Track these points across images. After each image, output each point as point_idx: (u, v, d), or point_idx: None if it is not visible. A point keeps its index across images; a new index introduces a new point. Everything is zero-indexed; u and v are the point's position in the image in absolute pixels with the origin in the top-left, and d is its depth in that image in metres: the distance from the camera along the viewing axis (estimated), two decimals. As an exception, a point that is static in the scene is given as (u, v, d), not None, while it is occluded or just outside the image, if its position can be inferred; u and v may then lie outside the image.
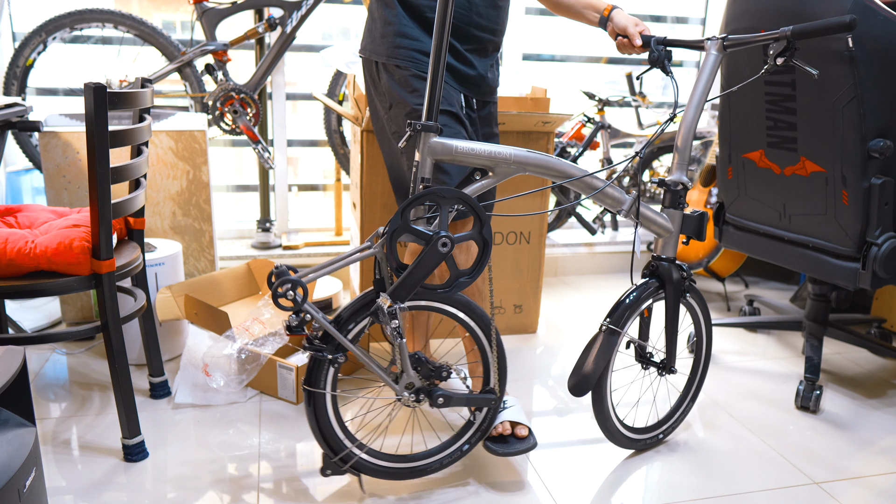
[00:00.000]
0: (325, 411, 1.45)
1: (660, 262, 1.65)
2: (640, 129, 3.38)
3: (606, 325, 1.63)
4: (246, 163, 3.46)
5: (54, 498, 1.49)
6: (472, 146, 1.45)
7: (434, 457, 1.57)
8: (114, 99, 1.47)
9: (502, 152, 1.47)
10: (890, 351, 2.19)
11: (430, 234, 1.38)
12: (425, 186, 1.41)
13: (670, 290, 1.65)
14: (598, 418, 1.68)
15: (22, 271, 1.49)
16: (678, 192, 1.61)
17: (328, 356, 1.40)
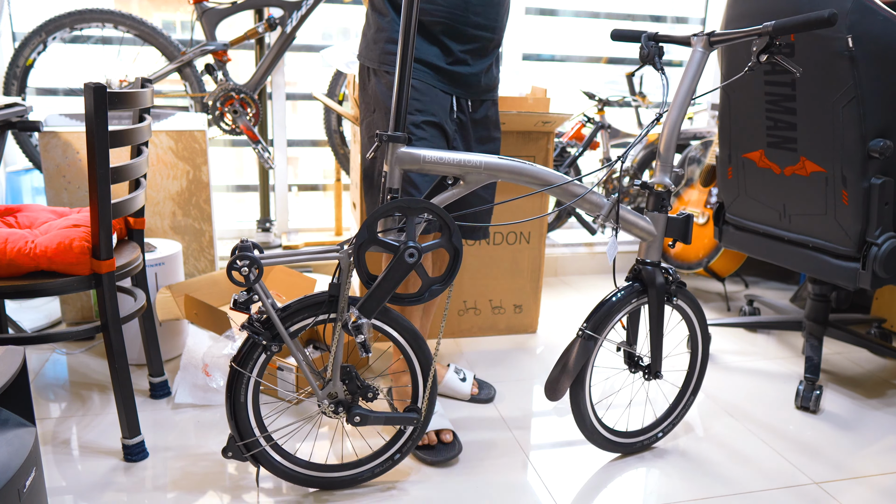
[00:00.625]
0: (244, 394, 1.44)
1: (643, 265, 1.61)
2: (639, 129, 3.38)
3: (583, 332, 1.61)
4: (246, 163, 3.46)
5: (54, 498, 1.49)
6: (440, 155, 1.44)
7: (362, 467, 1.56)
8: (114, 99, 1.47)
9: (472, 160, 1.45)
10: (890, 351, 2.19)
11: (396, 244, 1.38)
12: (392, 197, 1.41)
13: (653, 295, 1.61)
14: (577, 420, 1.66)
15: (22, 271, 1.49)
16: (660, 194, 1.56)
17: (263, 342, 1.40)
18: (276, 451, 1.49)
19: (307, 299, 1.44)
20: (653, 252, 1.60)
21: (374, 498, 1.53)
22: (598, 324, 1.60)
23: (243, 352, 1.42)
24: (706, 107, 3.45)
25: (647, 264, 1.61)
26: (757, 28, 1.44)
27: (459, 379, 2.00)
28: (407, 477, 1.62)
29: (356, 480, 1.55)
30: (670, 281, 1.63)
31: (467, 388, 1.99)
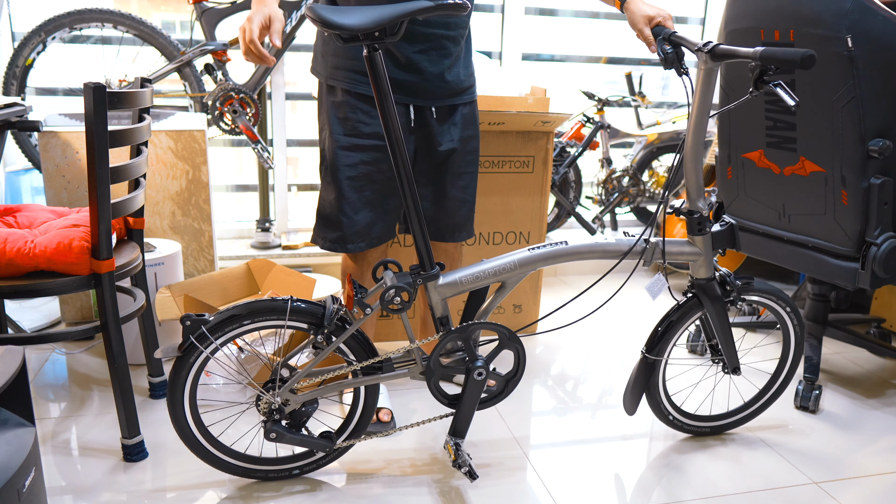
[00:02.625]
0: (189, 371, 1.45)
1: (696, 282, 1.65)
2: (639, 129, 3.38)
3: (644, 355, 1.69)
4: (245, 162, 3.46)
5: (54, 498, 1.49)
6: (474, 271, 1.50)
7: (265, 466, 1.57)
8: (113, 99, 1.47)
9: (506, 264, 1.50)
10: (889, 351, 2.19)
11: (462, 368, 1.50)
12: (444, 326, 1.50)
13: (710, 307, 1.66)
14: (660, 418, 1.79)
15: (21, 271, 1.49)
16: (695, 219, 1.58)
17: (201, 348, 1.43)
18: (199, 429, 1.50)
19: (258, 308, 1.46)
20: (702, 270, 1.63)
21: (376, 495, 1.53)
22: (659, 345, 1.68)
23: (193, 331, 1.44)
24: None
25: (699, 281, 1.64)
26: (749, 51, 1.39)
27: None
28: (407, 477, 1.62)
29: (265, 477, 1.57)
30: (730, 288, 1.67)
31: None
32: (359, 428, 1.58)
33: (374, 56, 1.34)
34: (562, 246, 1.52)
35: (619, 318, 2.70)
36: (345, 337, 1.46)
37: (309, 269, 2.84)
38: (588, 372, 2.22)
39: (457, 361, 1.51)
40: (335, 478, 1.61)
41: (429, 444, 1.76)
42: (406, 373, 1.52)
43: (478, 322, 1.50)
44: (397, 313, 1.45)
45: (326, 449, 1.54)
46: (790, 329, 1.81)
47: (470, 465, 1.50)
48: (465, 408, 1.52)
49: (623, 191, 3.26)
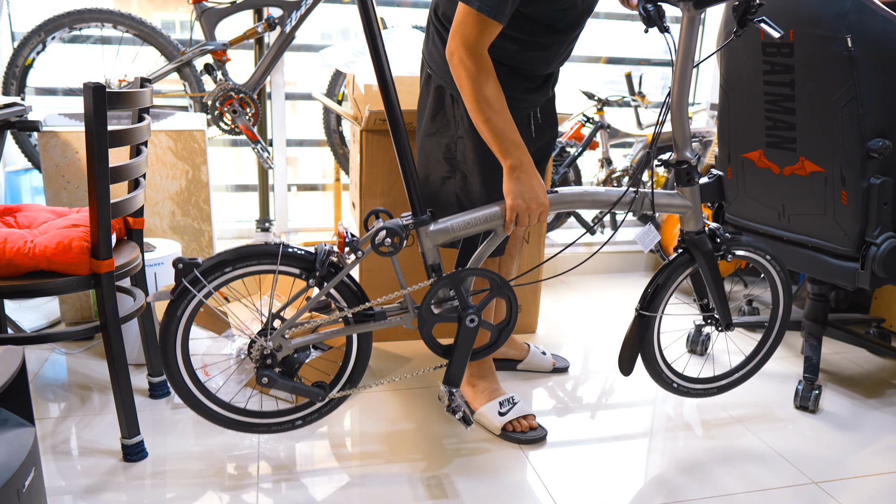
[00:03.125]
0: (182, 316, 1.46)
1: (687, 236, 1.68)
2: (639, 129, 3.38)
3: (638, 312, 1.70)
4: (245, 162, 3.46)
5: (53, 498, 1.49)
6: (466, 218, 1.52)
7: (265, 419, 1.58)
8: (113, 98, 1.47)
9: (497, 211, 1.52)
10: (889, 351, 2.19)
11: (455, 316, 1.52)
12: (436, 273, 1.52)
13: (702, 260, 1.69)
14: (656, 380, 1.80)
15: (21, 271, 1.49)
16: (684, 170, 1.61)
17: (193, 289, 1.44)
18: (190, 377, 1.51)
19: (248, 252, 1.47)
20: (692, 222, 1.66)
21: (381, 492, 1.53)
22: (652, 301, 1.70)
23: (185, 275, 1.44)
24: (705, 107, 3.45)
25: (690, 234, 1.67)
26: None
27: (541, 353, 2.18)
28: (405, 474, 1.62)
29: (253, 429, 1.58)
30: (720, 241, 1.69)
31: (549, 361, 2.17)
32: (353, 377, 1.58)
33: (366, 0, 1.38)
34: (551, 195, 1.54)
35: (619, 319, 2.70)
36: (335, 282, 1.47)
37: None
38: (588, 372, 2.22)
39: (449, 309, 1.53)
40: (334, 474, 1.61)
41: (427, 440, 1.76)
42: (399, 322, 1.53)
43: (469, 268, 1.51)
44: (388, 256, 1.46)
45: (319, 397, 1.55)
46: (776, 280, 1.84)
47: (464, 410, 1.54)
48: (458, 356, 1.54)
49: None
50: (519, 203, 1.47)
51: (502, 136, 1.45)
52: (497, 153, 1.48)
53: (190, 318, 1.46)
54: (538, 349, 2.20)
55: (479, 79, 1.42)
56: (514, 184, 1.48)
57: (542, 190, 1.49)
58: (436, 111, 1.68)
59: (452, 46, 1.43)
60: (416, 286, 1.53)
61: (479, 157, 1.63)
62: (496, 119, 1.44)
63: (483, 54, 1.43)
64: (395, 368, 2.17)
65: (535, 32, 1.52)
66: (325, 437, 1.77)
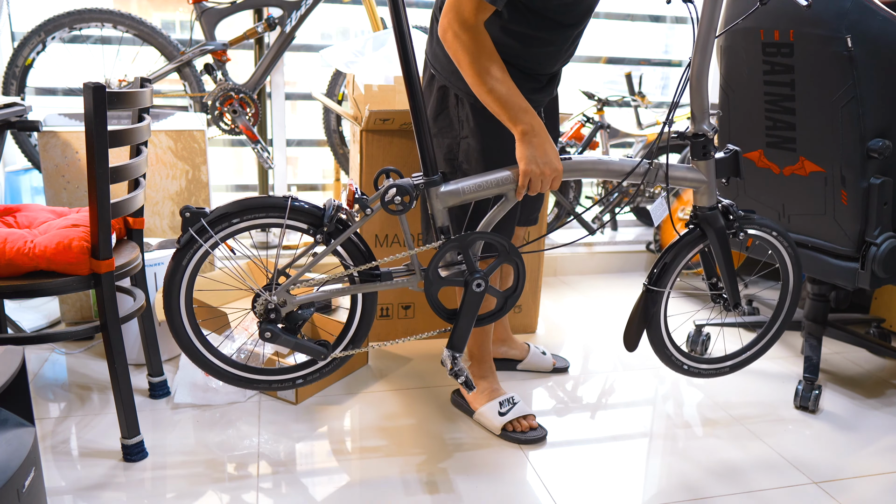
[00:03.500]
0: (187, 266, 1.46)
1: (700, 211, 1.65)
2: (639, 129, 3.38)
3: (646, 286, 1.68)
4: (245, 162, 3.46)
5: (53, 498, 1.49)
6: (477, 182, 1.49)
7: (266, 376, 1.57)
8: (113, 98, 1.47)
9: (508, 175, 1.50)
10: (889, 351, 2.19)
11: (462, 279, 1.50)
12: (444, 236, 1.50)
13: (714, 237, 1.66)
14: (663, 360, 1.78)
15: (21, 271, 1.49)
16: (700, 142, 1.57)
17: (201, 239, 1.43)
18: (192, 328, 1.50)
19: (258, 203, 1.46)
20: (705, 198, 1.63)
21: (377, 496, 1.53)
22: (661, 276, 1.67)
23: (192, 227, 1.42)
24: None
25: (703, 210, 1.64)
26: None
27: (541, 353, 2.17)
28: (404, 473, 1.62)
29: (253, 384, 1.57)
30: (732, 218, 1.66)
31: (549, 361, 2.16)
32: (357, 337, 1.56)
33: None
34: (566, 160, 1.51)
35: (619, 319, 2.70)
36: (343, 238, 1.46)
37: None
38: (588, 372, 2.22)
39: (456, 273, 1.52)
40: (334, 474, 1.61)
41: (427, 439, 1.76)
42: (405, 283, 1.52)
43: (477, 232, 1.49)
44: (397, 214, 1.45)
45: (322, 355, 1.53)
46: (786, 258, 1.81)
47: (466, 374, 1.53)
48: (463, 321, 1.52)
49: (623, 191, 3.26)
50: (532, 168, 1.45)
51: (509, 103, 1.44)
52: (506, 121, 1.46)
53: (195, 268, 1.44)
54: (538, 349, 2.20)
55: (475, 50, 1.41)
56: (527, 148, 1.45)
57: (556, 155, 1.47)
58: (439, 111, 1.68)
59: (445, 23, 1.43)
60: (423, 247, 1.52)
61: (482, 158, 1.63)
62: (499, 87, 1.43)
63: (479, 28, 1.42)
64: (396, 368, 2.17)
65: (541, 27, 1.52)
66: (325, 437, 1.77)
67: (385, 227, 2.28)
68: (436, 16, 1.66)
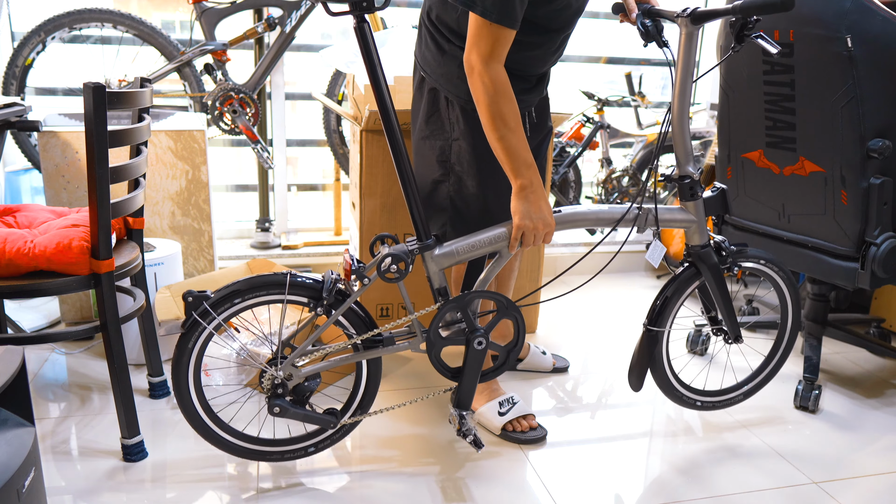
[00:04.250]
0: (193, 348, 1.47)
1: (692, 250, 1.68)
2: (639, 129, 3.38)
3: (646, 327, 1.70)
4: (245, 162, 3.46)
5: (53, 498, 1.49)
6: (471, 241, 1.52)
7: (279, 447, 1.57)
8: (113, 98, 1.47)
9: (501, 233, 1.52)
10: (889, 350, 2.19)
11: (462, 339, 1.52)
12: (443, 297, 1.52)
13: (708, 273, 1.69)
14: (666, 394, 1.80)
15: (21, 271, 1.49)
16: (687, 184, 1.62)
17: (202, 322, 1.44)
18: (199, 399, 1.51)
19: (249, 285, 1.47)
20: (696, 237, 1.67)
21: (375, 494, 1.53)
22: (659, 316, 1.70)
23: (197, 307, 1.44)
24: (705, 106, 3.45)
25: (695, 248, 1.67)
26: (728, 7, 1.46)
27: (541, 353, 2.17)
28: (406, 474, 1.62)
29: (265, 458, 1.57)
30: (725, 254, 1.70)
31: (549, 361, 2.16)
32: (364, 402, 1.58)
33: (363, 27, 1.37)
34: (557, 213, 1.54)
35: (619, 319, 2.70)
36: (343, 309, 1.47)
37: (309, 269, 2.84)
38: (588, 372, 2.22)
39: (456, 332, 1.53)
40: (334, 474, 1.61)
41: (426, 440, 1.76)
42: (407, 346, 1.53)
43: (476, 291, 1.51)
44: (394, 282, 1.47)
45: (331, 424, 1.54)
46: (784, 291, 1.84)
47: (474, 434, 1.53)
48: (467, 379, 1.54)
49: (623, 191, 3.26)
50: (526, 223, 1.47)
51: (515, 155, 1.45)
52: (508, 172, 1.48)
53: (201, 350, 1.47)
54: (538, 349, 2.20)
55: (496, 96, 1.42)
56: (522, 203, 1.47)
57: (549, 210, 1.50)
58: (430, 114, 1.68)
59: (471, 61, 1.43)
60: (423, 311, 1.53)
61: (474, 159, 1.63)
62: (510, 137, 1.44)
63: (501, 70, 1.43)
64: (396, 368, 2.17)
65: (530, 33, 1.53)
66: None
67: (385, 228, 2.28)
68: (424, 20, 1.66)
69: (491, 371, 1.61)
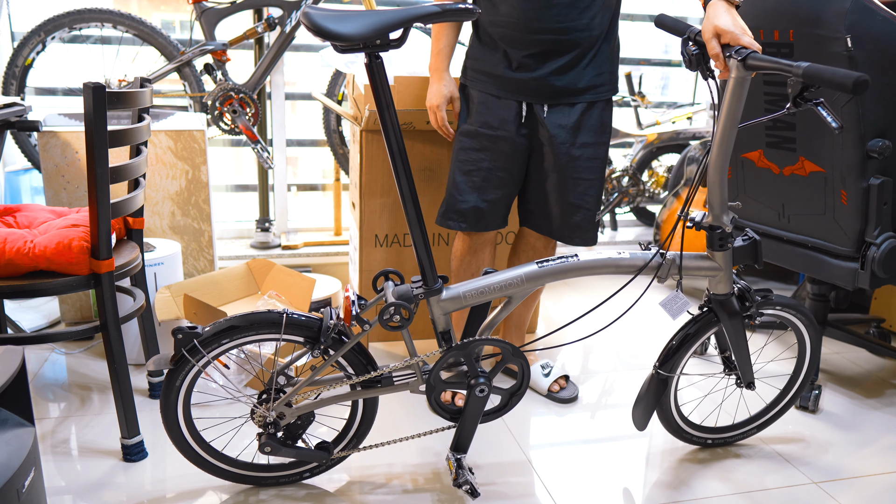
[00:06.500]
0: (181, 385, 1.44)
1: (714, 297, 1.58)
2: (639, 129, 3.38)
3: (657, 371, 1.62)
4: (245, 162, 3.46)
5: (53, 498, 1.49)
6: (479, 286, 1.44)
7: (275, 472, 1.56)
8: (113, 98, 1.47)
9: (512, 278, 1.44)
10: (888, 351, 2.19)
11: (464, 384, 1.46)
12: (447, 342, 1.45)
13: (727, 322, 1.59)
14: (671, 431, 1.74)
15: (21, 271, 1.49)
16: (717, 234, 1.49)
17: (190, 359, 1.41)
18: (191, 435, 1.49)
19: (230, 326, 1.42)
20: (721, 286, 1.55)
21: (383, 497, 1.53)
22: (672, 361, 1.62)
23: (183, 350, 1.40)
24: (705, 107, 3.45)
25: (717, 296, 1.57)
26: (791, 65, 1.30)
27: (543, 374, 2.02)
28: (408, 487, 1.62)
29: (261, 483, 1.56)
30: (748, 303, 1.59)
31: (546, 384, 2.00)
32: (357, 436, 1.56)
33: (375, 64, 1.28)
34: (573, 260, 1.46)
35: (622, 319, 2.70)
36: (343, 351, 1.42)
37: (309, 269, 2.84)
38: (588, 372, 2.22)
39: (458, 376, 1.47)
40: (334, 474, 1.61)
41: (426, 439, 1.76)
42: (406, 387, 1.48)
43: (481, 339, 1.45)
44: (397, 331, 1.40)
45: (322, 460, 1.52)
46: (806, 341, 1.76)
47: (471, 483, 1.46)
48: (467, 423, 1.48)
49: (623, 191, 3.26)
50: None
51: None
52: None
53: (189, 386, 1.44)
54: (540, 367, 2.06)
55: None
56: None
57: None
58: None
59: None
60: (427, 355, 1.47)
61: (457, 138, 1.77)
62: None
63: None
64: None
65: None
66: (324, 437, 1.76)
67: (385, 228, 2.28)
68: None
69: (492, 412, 1.54)
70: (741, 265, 1.56)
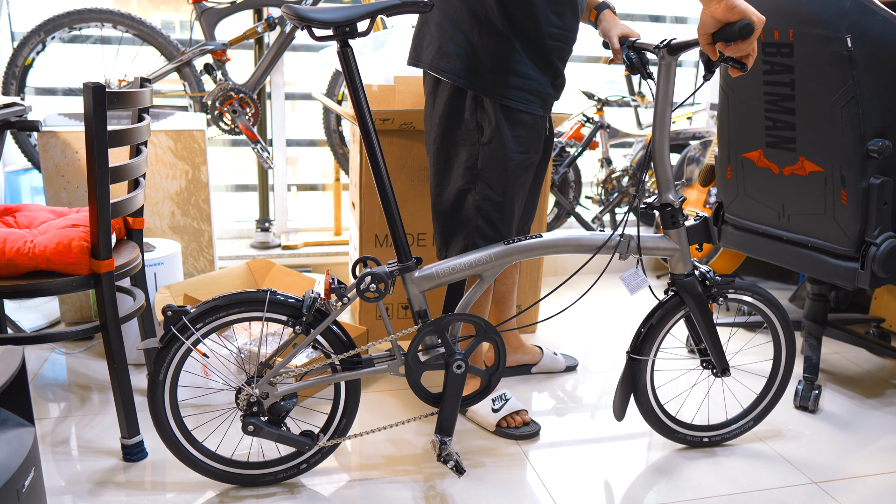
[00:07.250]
0: (170, 363, 1.46)
1: (675, 279, 1.64)
2: (639, 129, 3.38)
3: (629, 356, 1.67)
4: (245, 162, 3.46)
5: (53, 498, 1.49)
6: (451, 264, 1.52)
7: (269, 469, 1.56)
8: (113, 98, 1.47)
9: (482, 256, 1.52)
10: (888, 350, 2.19)
11: (442, 362, 1.50)
12: (423, 319, 1.50)
13: (692, 304, 1.64)
14: (650, 423, 1.75)
15: (21, 271, 1.49)
16: (668, 212, 1.59)
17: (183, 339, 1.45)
18: (179, 430, 1.50)
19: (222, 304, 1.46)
20: (679, 265, 1.62)
21: (368, 497, 1.53)
22: (643, 345, 1.67)
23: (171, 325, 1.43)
24: (705, 107, 3.45)
25: (678, 277, 1.64)
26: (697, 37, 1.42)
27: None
28: (400, 478, 1.62)
29: (258, 481, 1.56)
30: (709, 284, 1.65)
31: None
32: (342, 425, 1.56)
33: (346, 51, 1.39)
34: (536, 239, 1.55)
35: (619, 319, 2.70)
36: (322, 328, 1.47)
37: (308, 269, 2.84)
38: (588, 372, 2.22)
39: (435, 357, 1.51)
40: (334, 474, 1.61)
41: (426, 439, 1.76)
42: (386, 368, 1.52)
43: (453, 314, 1.50)
44: (373, 301, 1.46)
45: (306, 446, 1.53)
46: (777, 327, 1.79)
47: (456, 459, 1.51)
48: (448, 404, 1.52)
49: (623, 191, 3.26)
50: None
51: None
52: None
53: (178, 366, 1.46)
54: (550, 351, 2.21)
55: None
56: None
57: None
58: (452, 119, 1.62)
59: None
60: (403, 332, 1.52)
61: (506, 161, 1.59)
62: None
63: None
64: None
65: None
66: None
67: (385, 228, 2.28)
68: (447, 13, 1.58)
69: (473, 396, 1.58)
70: (698, 245, 1.64)
